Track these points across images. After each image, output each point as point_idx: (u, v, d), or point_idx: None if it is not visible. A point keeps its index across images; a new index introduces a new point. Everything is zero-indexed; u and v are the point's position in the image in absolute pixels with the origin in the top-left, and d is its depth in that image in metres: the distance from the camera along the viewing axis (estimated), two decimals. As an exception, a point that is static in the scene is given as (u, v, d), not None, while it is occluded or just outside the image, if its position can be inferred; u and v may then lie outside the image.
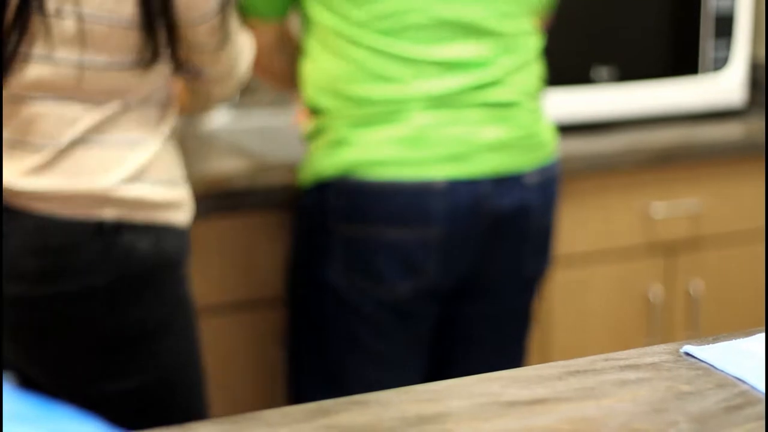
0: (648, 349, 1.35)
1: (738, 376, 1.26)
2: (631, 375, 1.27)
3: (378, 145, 2.13)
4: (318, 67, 2.18)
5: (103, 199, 1.87)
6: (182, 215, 1.96)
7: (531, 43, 2.23)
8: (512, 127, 2.18)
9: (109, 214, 1.88)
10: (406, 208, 2.13)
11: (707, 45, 2.83)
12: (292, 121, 2.63)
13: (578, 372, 1.28)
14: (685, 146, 2.73)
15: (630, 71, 2.72)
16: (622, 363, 1.30)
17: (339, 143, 2.15)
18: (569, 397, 1.22)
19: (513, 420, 1.18)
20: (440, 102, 2.13)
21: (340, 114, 2.15)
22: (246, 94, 2.84)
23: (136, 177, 1.90)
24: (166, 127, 1.96)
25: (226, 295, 2.37)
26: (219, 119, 2.75)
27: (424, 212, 2.13)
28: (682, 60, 2.84)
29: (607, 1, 2.76)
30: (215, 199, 2.30)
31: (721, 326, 2.69)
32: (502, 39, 2.17)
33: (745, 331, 1.39)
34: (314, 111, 2.21)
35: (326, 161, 2.16)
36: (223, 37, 1.95)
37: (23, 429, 0.92)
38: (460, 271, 2.19)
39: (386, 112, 2.13)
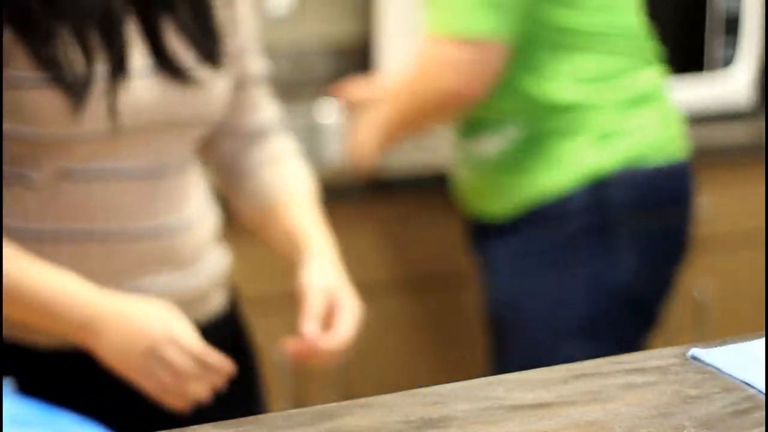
0: (654, 352, 1.35)
1: (745, 380, 1.26)
2: (638, 378, 1.27)
3: (649, 129, 2.19)
4: (564, 70, 2.14)
5: None
6: None
7: None
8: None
9: None
10: (677, 189, 2.23)
11: (714, 44, 2.82)
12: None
13: (584, 375, 1.28)
14: (691, 147, 2.72)
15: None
16: (628, 366, 1.30)
17: (610, 135, 2.15)
18: (575, 400, 1.22)
19: (518, 424, 1.17)
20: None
21: (604, 102, 2.15)
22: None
23: None
24: None
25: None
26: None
27: (681, 192, 2.23)
28: (689, 59, 2.84)
29: None
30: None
31: (728, 329, 2.67)
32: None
33: (752, 334, 1.39)
34: (556, 109, 2.15)
35: (599, 157, 2.14)
36: None
37: (24, 433, 0.92)
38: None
39: (645, 94, 2.19)
